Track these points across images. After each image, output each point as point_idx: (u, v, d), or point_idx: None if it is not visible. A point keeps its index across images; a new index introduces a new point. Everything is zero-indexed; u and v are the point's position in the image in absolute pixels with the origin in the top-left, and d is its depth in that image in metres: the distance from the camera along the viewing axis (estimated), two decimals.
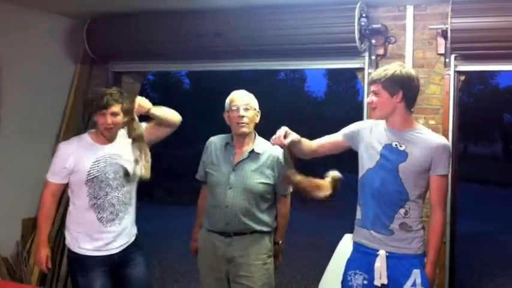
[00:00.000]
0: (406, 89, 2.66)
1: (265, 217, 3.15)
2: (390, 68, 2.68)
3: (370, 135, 2.77)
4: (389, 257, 2.67)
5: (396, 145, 2.67)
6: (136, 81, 5.24)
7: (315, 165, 2.82)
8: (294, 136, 2.71)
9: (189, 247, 3.44)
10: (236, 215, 3.08)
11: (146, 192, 2.98)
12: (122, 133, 3.16)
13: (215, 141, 3.28)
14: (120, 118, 3.05)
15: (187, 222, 3.43)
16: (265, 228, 3.15)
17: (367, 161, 2.74)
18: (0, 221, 4.37)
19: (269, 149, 3.15)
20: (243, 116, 3.09)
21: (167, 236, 7.69)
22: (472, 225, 8.64)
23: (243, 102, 3.11)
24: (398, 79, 2.64)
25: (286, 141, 2.67)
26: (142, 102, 3.02)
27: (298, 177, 2.76)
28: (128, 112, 3.03)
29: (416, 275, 2.63)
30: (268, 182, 3.13)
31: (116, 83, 4.95)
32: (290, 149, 2.74)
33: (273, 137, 2.72)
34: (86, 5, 4.40)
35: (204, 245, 3.24)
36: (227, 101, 3.18)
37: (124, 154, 3.11)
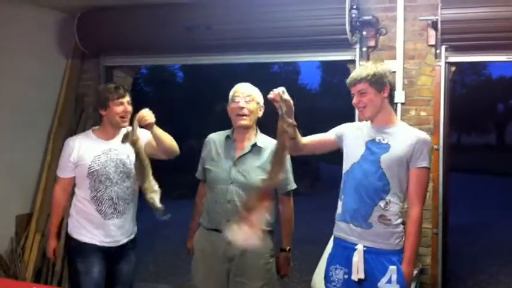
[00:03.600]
0: (390, 83, 2.73)
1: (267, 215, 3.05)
2: (370, 67, 2.73)
3: (355, 133, 2.82)
4: (367, 251, 2.68)
5: (379, 140, 2.72)
6: (128, 75, 5.22)
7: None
8: (290, 99, 2.59)
9: (186, 244, 3.37)
10: (237, 211, 2.94)
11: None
12: (123, 131, 3.18)
13: (215, 137, 3.21)
14: (131, 108, 3.17)
15: (180, 216, 3.41)
16: (266, 227, 3.04)
17: (351, 157, 2.77)
18: None
19: (271, 145, 3.04)
20: (243, 108, 3.04)
21: (160, 229, 7.67)
22: (465, 215, 8.68)
23: (245, 94, 3.07)
24: (383, 74, 2.70)
25: (285, 96, 2.56)
26: (146, 113, 2.93)
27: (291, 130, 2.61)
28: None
29: (392, 271, 2.63)
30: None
31: (107, 77, 4.95)
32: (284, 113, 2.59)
33: (271, 92, 2.58)
34: None
35: (203, 245, 3.14)
36: (230, 92, 3.13)
37: (125, 150, 3.14)
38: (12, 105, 4.50)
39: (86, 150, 3.15)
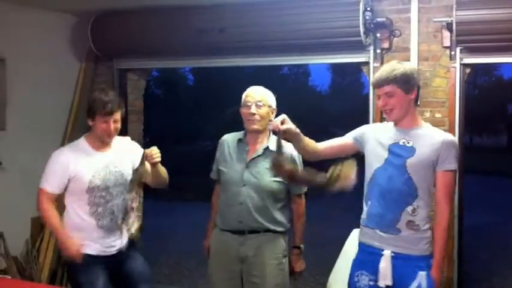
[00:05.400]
0: (418, 84, 2.67)
1: (279, 216, 3.09)
2: (398, 66, 2.62)
3: (377, 136, 2.73)
4: (395, 257, 2.61)
5: (404, 142, 2.64)
6: (141, 78, 5.26)
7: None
8: (291, 125, 2.63)
9: (203, 244, 3.37)
10: (250, 213, 3.03)
11: (149, 188, 2.97)
12: (117, 140, 3.14)
13: (228, 138, 3.23)
14: (119, 125, 3.06)
15: (191, 218, 3.44)
16: (279, 228, 3.09)
17: (374, 162, 2.69)
18: (8, 220, 4.39)
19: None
20: (254, 114, 3.05)
21: (172, 232, 7.70)
22: (478, 217, 8.62)
23: (256, 99, 3.07)
24: (411, 75, 2.61)
25: (282, 127, 2.59)
26: (155, 151, 2.96)
27: (290, 165, 2.66)
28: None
29: (422, 277, 2.57)
30: (282, 181, 3.06)
31: (121, 80, 4.98)
32: (285, 137, 2.65)
33: (271, 122, 2.69)
34: (90, 2, 4.41)
35: (217, 245, 3.19)
36: (243, 96, 3.14)
37: (123, 161, 3.12)
38: (27, 108, 4.54)
39: (83, 164, 3.00)
